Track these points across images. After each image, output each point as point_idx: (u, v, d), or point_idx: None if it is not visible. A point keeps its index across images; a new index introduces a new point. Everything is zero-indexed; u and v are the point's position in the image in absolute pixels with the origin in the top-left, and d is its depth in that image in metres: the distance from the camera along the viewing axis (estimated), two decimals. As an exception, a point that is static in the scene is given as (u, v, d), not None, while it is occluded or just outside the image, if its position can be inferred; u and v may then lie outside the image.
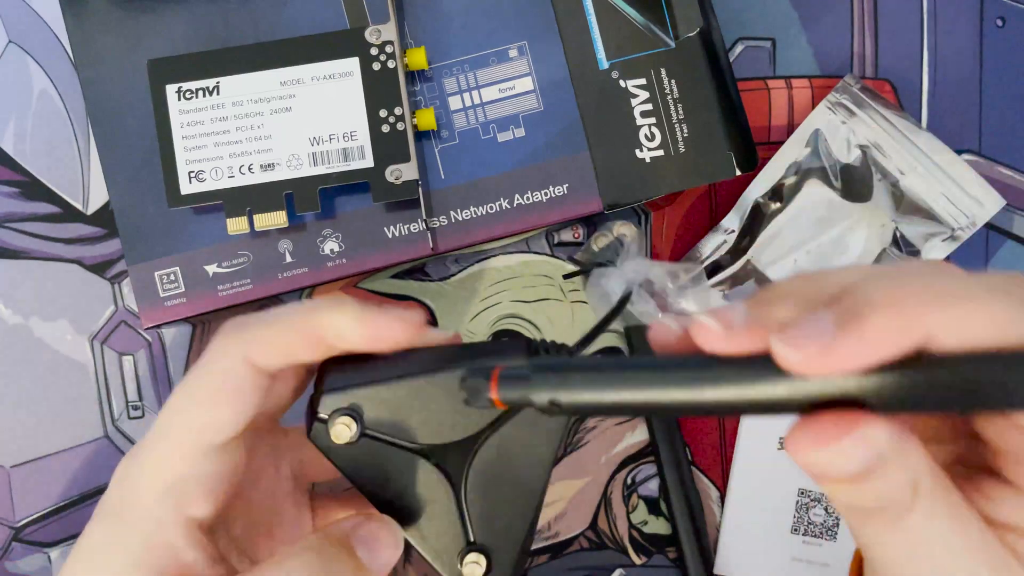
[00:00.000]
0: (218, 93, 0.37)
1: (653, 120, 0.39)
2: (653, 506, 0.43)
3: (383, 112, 0.37)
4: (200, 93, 0.37)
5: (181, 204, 0.37)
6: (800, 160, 0.42)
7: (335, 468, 0.26)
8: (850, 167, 0.42)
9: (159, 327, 0.40)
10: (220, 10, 0.39)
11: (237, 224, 0.37)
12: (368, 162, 0.37)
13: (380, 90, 0.37)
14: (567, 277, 0.43)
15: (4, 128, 0.42)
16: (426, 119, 0.38)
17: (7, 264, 0.41)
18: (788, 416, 0.20)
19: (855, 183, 0.42)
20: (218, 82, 0.37)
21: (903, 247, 0.42)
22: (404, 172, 0.37)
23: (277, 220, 0.37)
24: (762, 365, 0.19)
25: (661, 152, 0.39)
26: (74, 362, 0.42)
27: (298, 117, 0.37)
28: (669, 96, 0.39)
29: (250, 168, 0.37)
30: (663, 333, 0.22)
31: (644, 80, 0.39)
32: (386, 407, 0.26)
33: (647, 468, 0.43)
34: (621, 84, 0.39)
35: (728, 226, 0.42)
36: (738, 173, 0.39)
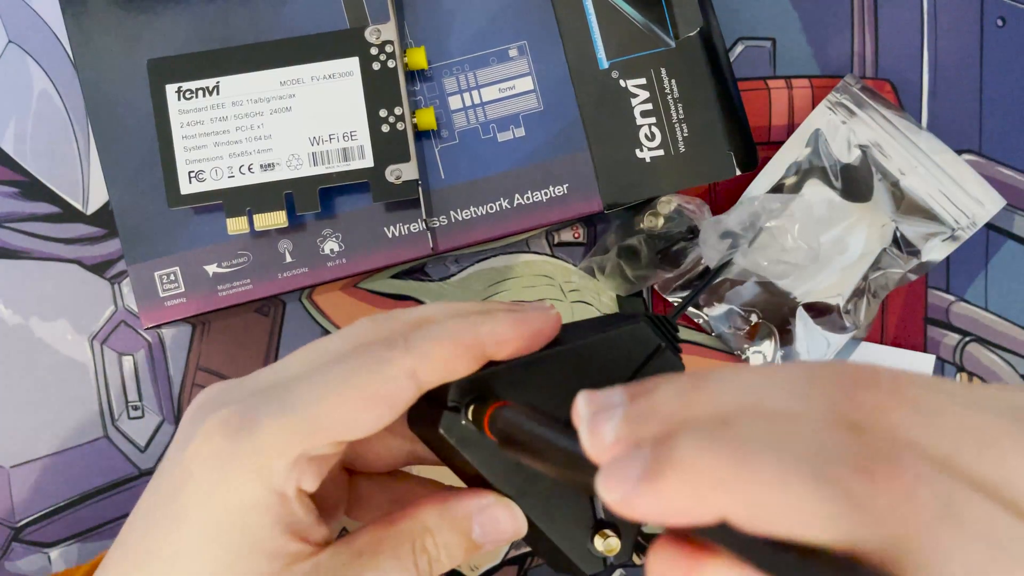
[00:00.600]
0: (218, 93, 0.37)
1: (653, 120, 0.39)
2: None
3: (383, 112, 0.37)
4: (200, 93, 0.37)
5: (181, 204, 0.37)
6: (800, 160, 0.42)
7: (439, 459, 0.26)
8: (850, 167, 0.42)
9: (159, 327, 0.40)
10: (220, 10, 0.39)
11: (237, 224, 0.37)
12: (368, 162, 0.37)
13: (380, 90, 0.37)
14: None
15: (4, 128, 0.42)
16: (426, 119, 0.38)
17: (7, 264, 0.41)
18: None
19: (855, 183, 0.42)
20: (218, 82, 0.37)
21: (903, 247, 0.42)
22: (404, 172, 0.37)
23: (277, 220, 0.37)
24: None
25: (661, 152, 0.39)
26: (74, 362, 0.42)
27: (298, 117, 0.37)
28: (669, 96, 0.39)
29: (250, 168, 0.37)
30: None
31: (644, 80, 0.39)
32: (513, 389, 0.25)
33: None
34: (621, 84, 0.39)
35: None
36: (738, 173, 0.39)
